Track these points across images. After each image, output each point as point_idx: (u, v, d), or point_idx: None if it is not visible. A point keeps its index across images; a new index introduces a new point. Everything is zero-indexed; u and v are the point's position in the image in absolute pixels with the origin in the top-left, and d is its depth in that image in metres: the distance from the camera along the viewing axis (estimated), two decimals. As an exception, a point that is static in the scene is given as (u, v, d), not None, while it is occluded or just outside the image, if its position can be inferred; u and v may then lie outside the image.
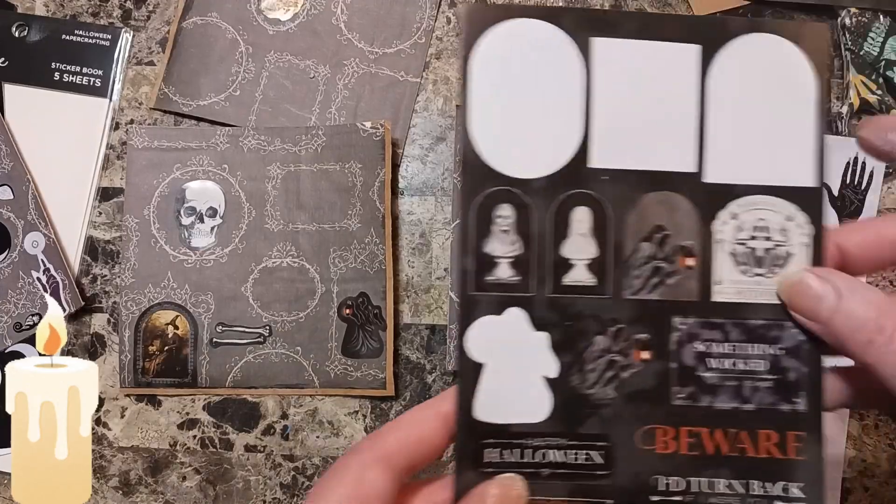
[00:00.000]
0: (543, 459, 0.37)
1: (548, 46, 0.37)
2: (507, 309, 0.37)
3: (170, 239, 0.60)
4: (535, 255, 0.37)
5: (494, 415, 0.36)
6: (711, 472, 0.37)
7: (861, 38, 0.59)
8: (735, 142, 0.37)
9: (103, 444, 0.61)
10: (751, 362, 0.37)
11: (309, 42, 0.63)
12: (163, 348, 0.60)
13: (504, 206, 0.37)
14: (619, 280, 0.37)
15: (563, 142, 0.37)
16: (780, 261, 0.37)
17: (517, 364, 0.37)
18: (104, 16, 0.64)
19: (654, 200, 0.37)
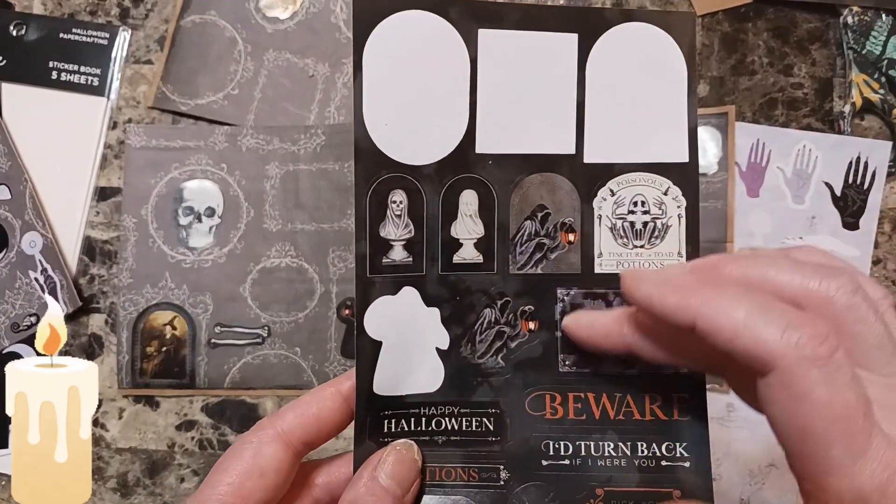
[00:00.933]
0: (438, 428, 0.39)
1: (436, 37, 0.38)
2: (402, 288, 0.38)
3: (168, 239, 0.60)
4: (426, 236, 0.39)
5: (392, 388, 0.38)
6: (598, 436, 0.38)
7: (863, 36, 0.59)
8: (612, 124, 0.39)
9: (101, 445, 0.61)
10: None
11: (308, 40, 0.62)
12: (161, 349, 0.60)
13: (397, 191, 0.38)
14: (505, 256, 0.39)
15: (450, 129, 0.39)
16: (658, 232, 0.39)
17: (411, 339, 0.38)
18: (102, 14, 0.64)
19: (536, 181, 0.39)
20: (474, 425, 0.39)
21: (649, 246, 0.39)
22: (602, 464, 0.38)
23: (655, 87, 0.39)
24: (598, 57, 0.39)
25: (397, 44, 0.38)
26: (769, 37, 0.60)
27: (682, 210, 0.39)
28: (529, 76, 0.39)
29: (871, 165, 0.59)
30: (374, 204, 0.38)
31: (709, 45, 0.60)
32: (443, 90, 0.38)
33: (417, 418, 0.39)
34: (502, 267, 0.39)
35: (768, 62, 0.60)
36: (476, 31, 0.38)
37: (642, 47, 0.39)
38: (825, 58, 0.60)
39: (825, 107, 0.60)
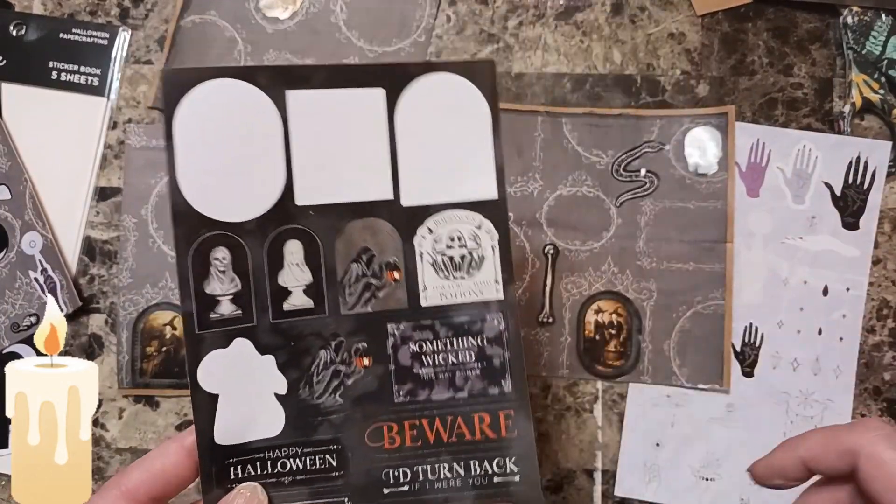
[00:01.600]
0: (284, 469, 0.40)
1: (245, 101, 0.40)
2: (234, 340, 0.40)
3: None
4: (254, 288, 0.40)
5: (234, 437, 0.40)
6: (434, 459, 0.41)
7: (863, 37, 0.59)
8: (425, 168, 0.42)
9: (101, 445, 0.61)
10: (460, 354, 0.42)
11: (308, 40, 0.62)
12: (161, 349, 0.60)
13: (220, 248, 0.40)
14: (335, 299, 0.41)
15: (268, 186, 0.41)
16: (475, 263, 0.42)
17: (248, 388, 0.40)
18: (102, 14, 0.64)
19: (358, 227, 0.42)
20: (318, 463, 0.40)
21: (468, 276, 0.42)
22: (439, 486, 0.41)
23: (462, 131, 0.42)
24: (406, 108, 0.42)
25: (207, 111, 0.40)
26: (769, 37, 0.60)
27: (495, 242, 0.42)
28: (342, 130, 0.42)
29: (871, 165, 0.59)
30: (196, 263, 0.40)
31: (709, 45, 0.60)
32: (257, 151, 0.41)
33: (263, 462, 0.40)
34: (334, 309, 0.41)
35: (768, 62, 0.60)
36: (284, 93, 0.41)
37: (447, 95, 0.42)
38: (825, 58, 0.60)
39: (825, 107, 0.60)
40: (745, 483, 0.58)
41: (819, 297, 0.59)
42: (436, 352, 0.42)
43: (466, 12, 0.62)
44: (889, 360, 0.58)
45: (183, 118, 0.40)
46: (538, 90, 0.61)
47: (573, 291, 0.58)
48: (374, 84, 0.42)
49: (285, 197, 0.41)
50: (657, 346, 0.59)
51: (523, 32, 0.62)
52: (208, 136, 0.40)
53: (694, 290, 0.59)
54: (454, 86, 0.42)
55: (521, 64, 0.61)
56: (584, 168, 0.59)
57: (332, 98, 0.41)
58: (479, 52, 0.61)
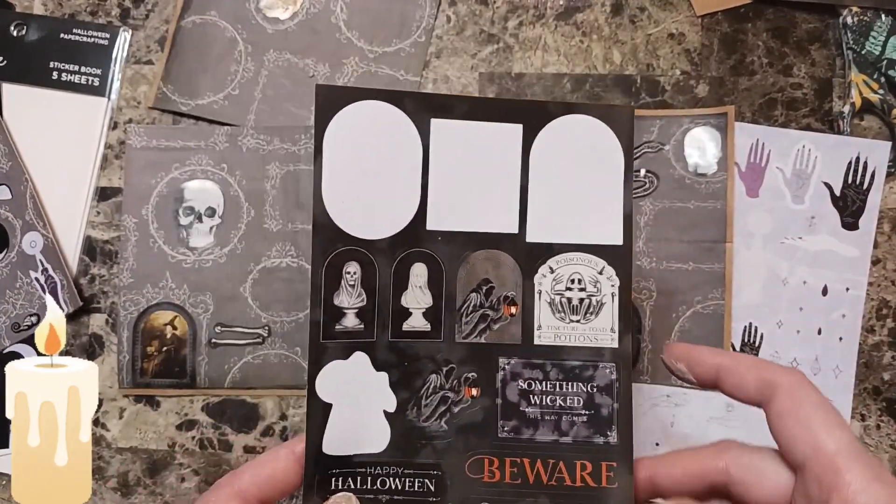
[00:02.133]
0: (383, 487, 0.41)
1: (391, 124, 0.42)
2: (353, 353, 0.41)
3: (168, 239, 0.60)
4: (378, 305, 0.42)
5: (340, 448, 0.41)
6: (532, 500, 0.41)
7: (863, 37, 0.59)
8: (553, 207, 0.43)
9: (101, 445, 0.61)
10: (568, 399, 0.42)
11: (308, 41, 0.62)
12: (161, 349, 0.60)
13: (352, 263, 0.42)
14: (451, 326, 0.42)
15: (403, 208, 0.42)
16: (593, 308, 0.42)
17: (360, 401, 0.41)
18: (102, 15, 0.64)
19: (481, 257, 0.43)
20: (417, 486, 0.41)
21: (584, 321, 0.42)
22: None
23: (594, 174, 0.42)
24: (542, 146, 0.42)
25: (356, 130, 0.41)
26: (769, 37, 0.60)
27: (615, 289, 0.42)
28: (477, 161, 0.43)
29: (871, 165, 0.59)
30: (329, 275, 0.41)
31: (708, 45, 0.60)
32: (397, 172, 0.42)
33: (364, 477, 0.41)
34: (448, 335, 0.42)
35: (768, 62, 0.60)
36: (428, 121, 0.42)
37: (583, 138, 0.42)
38: (825, 58, 0.60)
39: (825, 107, 0.60)
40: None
41: (818, 297, 0.59)
42: (544, 392, 0.42)
43: (466, 12, 0.62)
44: (888, 359, 0.59)
45: (332, 134, 0.41)
46: (538, 90, 0.61)
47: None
48: (514, 120, 0.43)
49: (416, 220, 0.42)
50: (657, 346, 0.59)
51: (523, 33, 0.62)
52: (354, 155, 0.41)
53: (693, 290, 0.59)
54: (592, 128, 0.42)
55: (521, 64, 0.61)
56: (584, 168, 0.59)
57: (472, 129, 0.42)
58: (479, 53, 0.62)
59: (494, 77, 0.61)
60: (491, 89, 0.61)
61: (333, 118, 0.41)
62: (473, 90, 0.61)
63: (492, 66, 0.62)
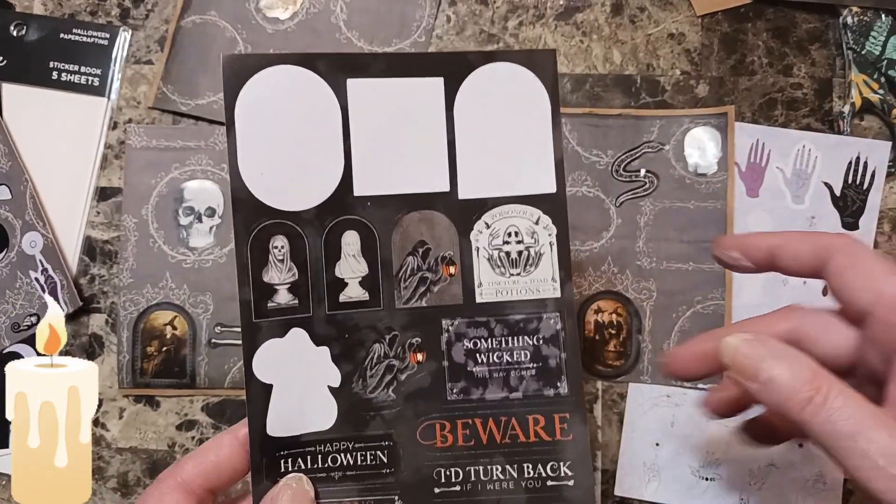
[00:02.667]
0: (335, 464, 0.40)
1: (305, 89, 0.40)
2: (290, 330, 0.40)
3: (168, 239, 0.60)
4: (311, 278, 0.40)
5: (286, 428, 0.39)
6: (486, 460, 0.40)
7: (863, 37, 0.59)
8: (483, 160, 0.41)
9: (101, 445, 0.61)
10: (515, 353, 0.41)
11: (308, 41, 0.62)
12: (161, 349, 0.60)
13: (278, 237, 0.40)
14: (390, 292, 0.41)
15: (327, 175, 0.40)
16: (532, 260, 0.41)
17: (302, 379, 0.40)
18: (102, 14, 0.64)
19: (414, 219, 0.41)
20: (369, 459, 0.40)
21: (525, 273, 0.41)
22: (491, 487, 0.40)
23: (521, 123, 0.41)
24: (465, 98, 0.41)
25: (268, 98, 0.40)
26: (769, 37, 0.60)
27: (552, 238, 0.41)
28: (400, 120, 0.41)
29: (871, 165, 0.59)
30: (255, 250, 0.40)
31: (708, 45, 0.60)
32: (316, 139, 0.40)
33: (313, 456, 0.40)
34: (388, 302, 0.41)
35: (768, 62, 0.60)
36: (345, 82, 0.40)
37: (506, 86, 0.41)
38: (825, 58, 0.60)
39: (825, 107, 0.60)
40: (745, 483, 0.58)
41: (818, 297, 0.59)
42: (490, 350, 0.41)
43: (466, 12, 0.62)
44: (889, 360, 0.58)
45: (244, 105, 0.39)
46: (538, 90, 0.61)
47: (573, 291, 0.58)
48: (434, 73, 0.41)
49: (343, 187, 0.40)
50: (657, 346, 0.59)
51: (523, 33, 0.62)
52: (269, 124, 0.40)
53: (693, 290, 0.59)
54: (514, 76, 0.41)
55: (521, 64, 0.61)
56: (584, 168, 0.59)
57: (391, 87, 0.41)
58: (478, 53, 0.62)
59: (494, 77, 0.61)
60: (491, 89, 0.61)
61: (243, 87, 0.39)
62: (473, 90, 0.61)
63: (492, 66, 0.62)
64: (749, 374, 0.36)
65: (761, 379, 0.35)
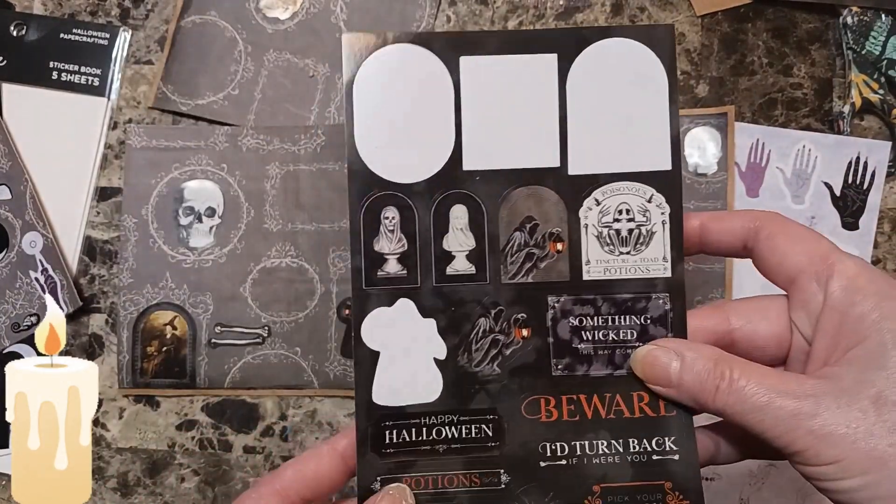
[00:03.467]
0: (439, 437, 0.40)
1: (420, 66, 0.41)
2: (398, 300, 0.41)
3: (168, 239, 0.60)
4: (419, 250, 0.41)
5: (391, 398, 0.40)
6: (592, 435, 0.41)
7: (863, 37, 0.59)
8: (595, 136, 0.41)
9: (101, 445, 0.61)
10: (621, 332, 0.41)
11: (308, 41, 0.62)
12: (161, 349, 0.60)
13: (389, 208, 0.41)
14: (497, 267, 0.41)
15: (438, 149, 0.41)
16: (643, 238, 0.41)
17: (409, 349, 0.41)
18: (102, 15, 0.64)
19: (523, 194, 0.41)
20: (474, 432, 0.40)
21: (634, 252, 0.41)
22: (597, 462, 0.40)
23: (637, 98, 0.41)
24: (578, 73, 0.41)
25: (384, 75, 0.41)
26: (769, 37, 0.60)
27: (665, 216, 0.41)
28: (512, 96, 0.41)
29: (871, 165, 0.59)
30: (367, 220, 0.41)
31: (708, 45, 0.60)
32: (429, 114, 0.41)
33: (418, 428, 0.40)
34: (494, 277, 0.41)
35: (768, 62, 0.60)
36: (458, 59, 0.41)
37: (622, 61, 0.41)
38: (825, 58, 0.60)
39: (825, 107, 0.60)
40: (745, 483, 0.58)
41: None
42: (596, 328, 0.41)
43: (466, 12, 0.62)
44: (888, 360, 0.58)
45: (361, 81, 0.41)
46: (538, 90, 0.61)
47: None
48: (547, 50, 0.41)
49: (453, 161, 0.41)
50: (657, 346, 0.59)
51: (523, 33, 0.62)
52: (385, 99, 0.41)
53: (694, 290, 0.59)
54: (630, 51, 0.41)
55: (521, 64, 0.61)
56: (584, 168, 0.59)
57: (504, 64, 0.41)
58: (478, 53, 0.62)
59: (494, 77, 0.61)
60: (491, 89, 0.61)
61: (362, 65, 0.41)
62: (473, 90, 0.61)
63: (492, 66, 0.62)
64: (663, 382, 0.38)
65: (673, 383, 0.37)
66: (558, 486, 0.40)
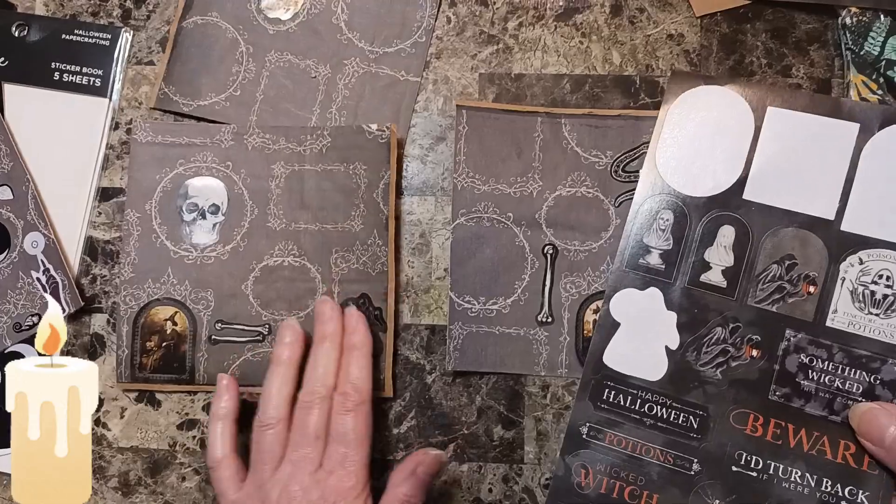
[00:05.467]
0: (650, 412, 0.45)
1: (730, 106, 0.47)
2: (649, 288, 0.47)
3: (171, 234, 0.60)
4: (682, 252, 0.47)
5: (619, 364, 0.46)
6: (788, 462, 0.44)
7: (861, 37, 0.59)
8: (876, 203, 0.45)
9: (103, 444, 0.61)
10: (848, 383, 0.44)
11: (309, 41, 0.63)
12: (161, 344, 0.60)
13: (666, 211, 0.47)
14: (746, 289, 0.46)
15: (725, 175, 0.47)
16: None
17: (647, 331, 0.46)
18: (104, 15, 0.64)
19: (790, 234, 0.46)
20: (681, 419, 0.45)
21: (884, 316, 0.44)
22: (786, 486, 0.44)
23: None
24: (876, 144, 0.46)
25: (697, 108, 0.48)
26: (767, 38, 0.60)
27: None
28: (806, 149, 0.46)
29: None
30: (643, 216, 0.48)
31: (707, 45, 0.60)
32: (726, 146, 0.47)
33: (634, 398, 0.46)
34: (742, 297, 0.46)
35: (767, 63, 0.60)
36: (766, 107, 0.47)
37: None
38: (823, 58, 0.60)
39: (824, 107, 0.60)
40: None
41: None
42: (824, 371, 0.44)
43: (466, 13, 0.62)
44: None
45: (675, 109, 0.49)
46: (538, 91, 0.61)
47: (572, 291, 0.58)
48: (852, 119, 0.47)
49: (736, 187, 0.46)
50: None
51: (523, 34, 0.62)
52: (691, 126, 0.48)
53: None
54: None
55: (521, 65, 0.62)
56: (584, 168, 0.59)
57: (807, 120, 0.47)
58: (478, 53, 0.62)
59: (494, 78, 0.62)
60: (491, 90, 0.61)
61: (679, 96, 0.48)
62: (473, 91, 0.62)
63: (492, 66, 0.62)
64: (876, 440, 0.40)
65: (886, 445, 0.39)
66: (743, 492, 0.44)
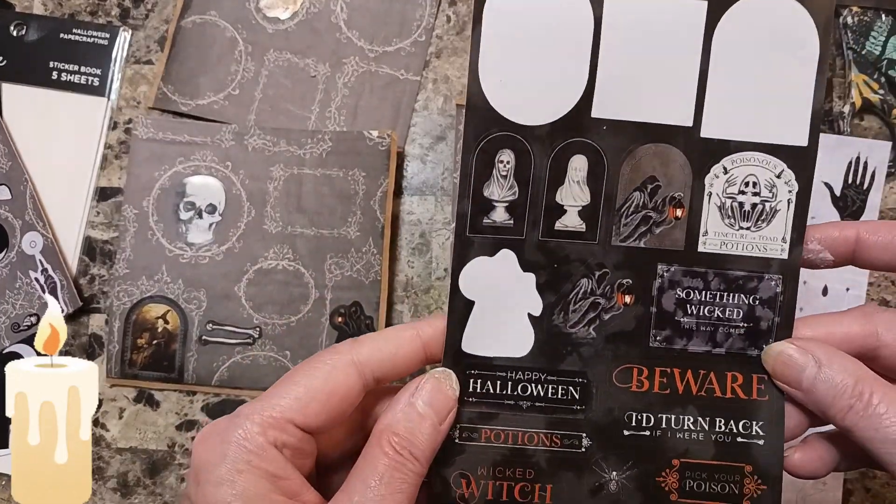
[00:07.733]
0: (524, 393, 0.39)
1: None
2: (500, 250, 0.39)
3: (167, 232, 0.60)
4: (530, 200, 0.38)
5: (480, 348, 0.39)
6: (679, 409, 0.39)
7: (863, 37, 0.59)
8: (734, 99, 0.38)
9: (101, 445, 0.61)
10: (727, 310, 0.39)
11: (308, 40, 0.62)
12: (151, 342, 0.59)
13: (506, 151, 0.38)
14: (609, 227, 0.39)
15: (567, 90, 0.38)
16: (766, 215, 0.39)
17: (504, 302, 0.39)
18: (102, 15, 0.64)
19: (649, 152, 0.38)
20: (560, 393, 0.39)
21: (755, 228, 0.39)
22: (681, 436, 0.39)
23: (784, 63, 0.38)
24: (727, 27, 0.38)
25: (519, 2, 0.37)
26: (769, 37, 0.60)
27: (792, 195, 0.38)
28: (654, 42, 0.38)
29: (871, 165, 0.59)
30: (480, 162, 0.38)
31: (708, 45, 0.60)
32: (564, 50, 0.38)
33: (503, 381, 0.39)
34: (604, 237, 0.39)
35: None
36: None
37: (775, 20, 0.38)
38: (825, 58, 0.60)
39: (825, 107, 0.60)
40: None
41: (819, 297, 0.59)
42: (703, 303, 0.39)
43: (466, 12, 0.62)
44: (889, 360, 0.58)
45: (493, 6, 0.37)
46: (538, 90, 0.61)
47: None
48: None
49: (581, 105, 0.38)
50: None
51: (523, 33, 0.62)
52: (517, 27, 0.37)
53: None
54: (786, 10, 0.38)
55: (521, 64, 0.61)
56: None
57: (650, 5, 0.38)
58: (479, 53, 0.62)
59: (494, 77, 0.61)
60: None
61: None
62: (473, 90, 0.61)
63: (492, 66, 0.62)
64: (793, 383, 0.36)
65: (803, 387, 0.36)
66: (638, 456, 0.39)
